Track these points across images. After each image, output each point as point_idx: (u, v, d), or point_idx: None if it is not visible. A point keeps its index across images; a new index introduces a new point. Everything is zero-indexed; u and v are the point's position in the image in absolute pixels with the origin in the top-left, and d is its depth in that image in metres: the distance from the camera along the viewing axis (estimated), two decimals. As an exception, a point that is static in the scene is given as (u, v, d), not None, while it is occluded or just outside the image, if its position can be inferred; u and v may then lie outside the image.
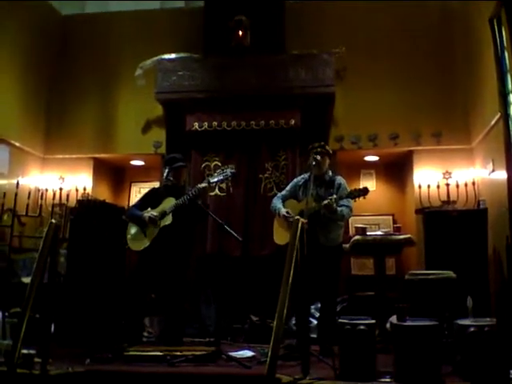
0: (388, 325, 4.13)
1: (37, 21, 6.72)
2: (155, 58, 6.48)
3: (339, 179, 4.54)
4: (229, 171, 4.58)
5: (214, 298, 5.51)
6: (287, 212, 4.43)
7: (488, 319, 3.34)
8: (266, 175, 6.14)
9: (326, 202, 4.16)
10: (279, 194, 4.79)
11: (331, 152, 4.68)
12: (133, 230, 4.66)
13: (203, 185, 4.49)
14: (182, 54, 6.49)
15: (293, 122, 6.10)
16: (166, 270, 4.52)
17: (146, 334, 5.10)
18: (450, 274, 4.30)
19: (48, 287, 3.64)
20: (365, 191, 4.16)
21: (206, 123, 6.22)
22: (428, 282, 4.25)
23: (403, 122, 6.38)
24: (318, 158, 4.40)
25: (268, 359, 2.89)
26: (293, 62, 6.23)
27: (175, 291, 4.59)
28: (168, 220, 4.48)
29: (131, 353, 3.97)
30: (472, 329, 3.18)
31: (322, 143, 4.59)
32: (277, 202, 4.63)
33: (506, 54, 4.66)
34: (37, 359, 3.41)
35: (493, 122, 5.18)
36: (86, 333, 4.61)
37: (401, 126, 6.38)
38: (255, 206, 6.04)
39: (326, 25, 6.60)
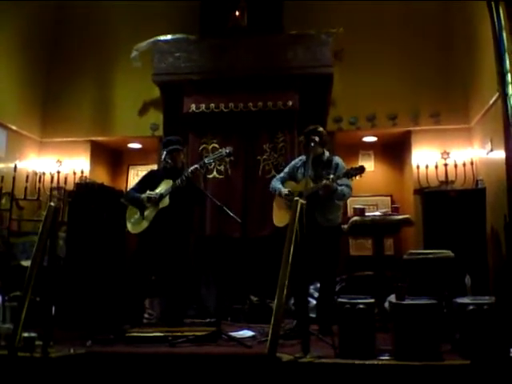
0: (387, 304, 4.16)
1: (33, 4, 6.61)
2: (151, 40, 6.40)
3: (337, 159, 4.54)
4: (224, 151, 4.58)
5: (214, 279, 5.54)
6: (289, 191, 4.44)
7: (487, 297, 3.36)
8: (264, 157, 6.12)
9: (324, 182, 4.16)
10: (277, 176, 4.79)
11: (325, 134, 4.65)
12: (131, 212, 4.67)
13: (198, 165, 4.49)
14: (177, 36, 6.41)
15: (290, 103, 6.06)
16: (166, 251, 4.54)
17: (146, 315, 5.13)
18: (449, 253, 4.32)
19: (48, 270, 3.65)
20: (361, 169, 4.17)
21: (203, 105, 6.18)
22: (426, 262, 4.27)
23: (401, 102, 6.37)
24: (316, 139, 4.39)
25: (269, 338, 2.92)
26: (290, 42, 6.17)
27: (175, 273, 4.61)
28: (165, 202, 4.49)
29: (132, 334, 3.99)
30: (471, 307, 3.20)
31: (318, 126, 4.56)
32: (276, 183, 4.63)
33: (504, 34, 4.63)
34: (38, 342, 3.41)
35: (491, 102, 5.18)
36: (87, 315, 4.63)
37: (399, 106, 6.37)
38: (254, 188, 6.03)
39: (324, 5, 6.51)
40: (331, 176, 4.20)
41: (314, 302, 4.81)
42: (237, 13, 6.24)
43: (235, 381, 3.32)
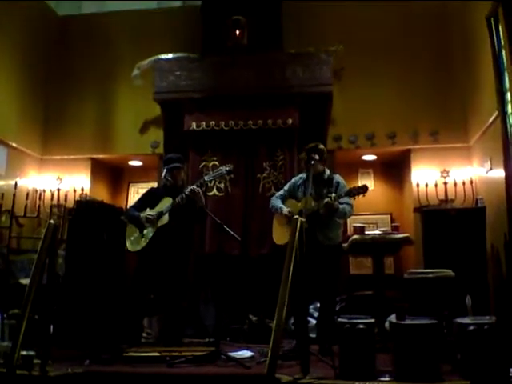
0: (387, 324, 4.13)
1: (34, 21, 6.71)
2: (152, 58, 6.47)
3: (337, 177, 4.53)
4: (224, 169, 4.60)
5: (213, 298, 5.51)
6: (289, 212, 4.43)
7: (487, 317, 3.33)
8: (264, 175, 6.13)
9: (326, 200, 4.15)
10: (277, 194, 4.78)
11: (326, 151, 4.65)
12: (131, 230, 4.66)
13: (198, 183, 4.51)
14: (178, 54, 6.48)
15: (290, 121, 6.09)
16: (165, 269, 4.51)
17: (144, 334, 5.09)
18: (449, 272, 4.30)
19: (47, 288, 3.63)
20: (364, 189, 4.16)
21: (203, 123, 6.21)
22: (427, 281, 4.25)
23: (401, 121, 6.40)
24: (316, 157, 4.40)
25: (268, 359, 2.90)
26: (290, 60, 6.22)
27: (174, 291, 4.59)
28: (165, 220, 4.48)
29: (130, 354, 3.97)
30: (471, 327, 3.18)
31: (318, 143, 4.57)
32: (277, 202, 4.62)
33: (504, 53, 4.66)
34: (36, 360, 3.40)
35: (490, 121, 5.19)
36: (85, 334, 4.60)
37: (398, 125, 6.39)
38: (254, 206, 6.03)
39: (324, 24, 6.60)
40: (333, 194, 4.19)
41: (314, 321, 4.78)
42: (237, 32, 6.30)
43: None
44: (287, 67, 6.20)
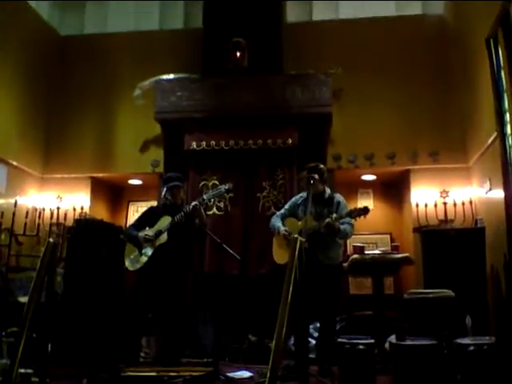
0: (387, 344, 4.11)
1: (36, 41, 6.79)
2: (153, 79, 6.53)
3: (338, 197, 4.54)
4: (223, 187, 4.62)
5: (212, 318, 5.48)
6: (286, 230, 4.43)
7: (487, 338, 3.33)
8: (263, 194, 6.14)
9: (327, 221, 4.15)
10: (278, 213, 4.78)
11: (326, 171, 4.67)
12: (130, 249, 4.65)
13: (197, 202, 4.51)
14: (180, 75, 6.55)
15: (290, 141, 6.12)
16: (163, 289, 4.49)
17: (142, 354, 5.05)
18: (449, 292, 4.30)
19: (45, 306, 3.61)
20: (365, 211, 4.16)
21: (204, 142, 6.25)
22: (427, 301, 4.24)
23: (400, 141, 6.44)
24: (316, 176, 4.42)
25: (267, 380, 2.87)
26: (290, 82, 6.28)
27: (172, 310, 4.56)
28: (163, 238, 4.48)
29: (128, 373, 3.93)
30: (471, 347, 3.17)
31: (318, 163, 4.59)
32: (276, 221, 4.62)
33: (503, 74, 4.70)
34: (34, 378, 3.39)
35: (489, 141, 5.22)
36: (84, 352, 4.57)
37: (398, 145, 6.43)
38: (253, 225, 6.02)
39: (323, 45, 6.70)
40: (334, 215, 4.19)
41: (314, 341, 4.74)
42: (238, 54, 6.38)
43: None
44: (287, 88, 6.26)
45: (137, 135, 6.85)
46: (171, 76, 6.53)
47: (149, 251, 4.51)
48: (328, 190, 4.59)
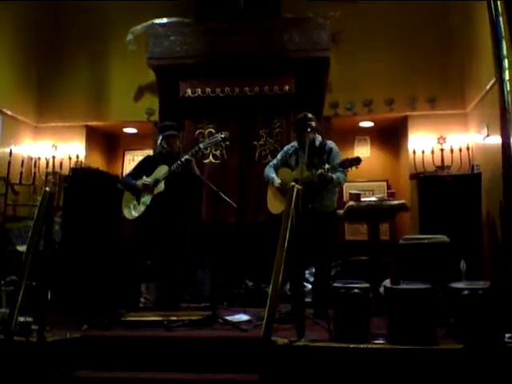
0: (382, 288, 4.18)
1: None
2: (146, 23, 6.34)
3: (329, 144, 4.52)
4: (219, 136, 4.60)
5: (210, 264, 5.55)
6: (280, 184, 4.45)
7: (482, 282, 3.36)
8: (260, 142, 6.09)
9: (319, 171, 4.15)
10: (271, 163, 4.78)
11: (315, 119, 4.58)
12: (128, 198, 4.66)
13: (193, 151, 4.50)
14: (173, 19, 6.34)
15: (287, 87, 6.02)
16: (162, 236, 4.54)
17: (142, 300, 5.14)
18: (444, 238, 4.33)
19: (43, 255, 3.64)
20: (357, 161, 4.14)
21: (199, 89, 6.14)
22: (422, 247, 4.28)
23: (398, 87, 6.35)
24: (313, 124, 4.38)
25: (264, 322, 2.93)
26: (287, 25, 6.10)
27: (171, 257, 4.62)
28: (161, 187, 4.48)
29: (128, 318, 4.02)
30: (466, 291, 3.20)
31: (307, 112, 4.51)
32: (270, 172, 4.63)
33: (501, 19, 4.62)
34: (34, 326, 3.43)
35: (488, 87, 5.16)
36: (83, 299, 4.64)
37: (396, 91, 6.35)
38: (250, 173, 6.01)
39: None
40: (326, 166, 4.19)
41: (310, 286, 4.83)
42: (233, -5, 6.18)
43: (230, 364, 3.35)
44: (284, 32, 6.09)
45: (131, 82, 6.71)
46: (164, 20, 6.33)
47: (147, 200, 4.52)
48: (319, 138, 4.55)
